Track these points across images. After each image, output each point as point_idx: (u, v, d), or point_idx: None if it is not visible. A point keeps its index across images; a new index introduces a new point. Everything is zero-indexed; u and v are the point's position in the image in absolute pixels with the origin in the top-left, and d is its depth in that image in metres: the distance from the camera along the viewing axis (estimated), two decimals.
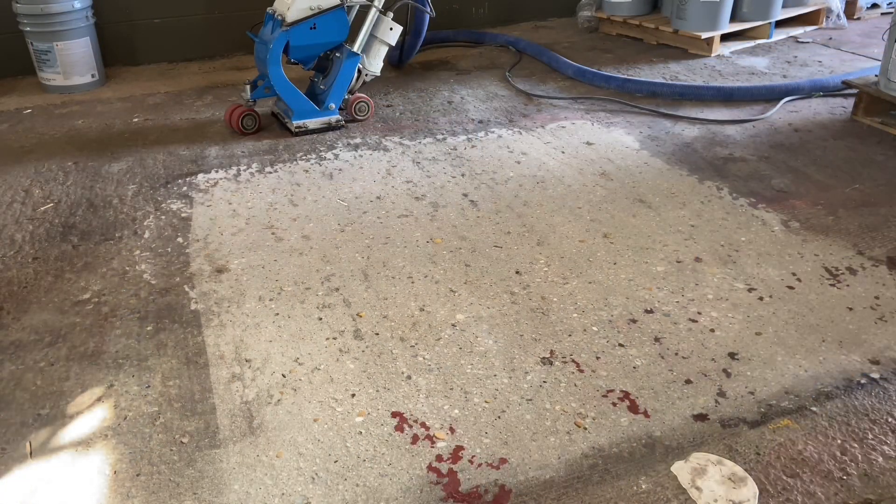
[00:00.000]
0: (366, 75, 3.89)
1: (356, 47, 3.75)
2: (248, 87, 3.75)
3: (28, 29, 4.29)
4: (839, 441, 1.83)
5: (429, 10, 4.20)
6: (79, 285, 2.51)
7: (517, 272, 2.56)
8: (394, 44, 3.89)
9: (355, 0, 3.69)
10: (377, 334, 2.25)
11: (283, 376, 2.08)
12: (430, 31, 4.85)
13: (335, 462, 1.79)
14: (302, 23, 3.54)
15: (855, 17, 5.96)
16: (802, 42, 5.32)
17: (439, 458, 1.80)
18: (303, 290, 2.47)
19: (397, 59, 4.74)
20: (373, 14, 3.76)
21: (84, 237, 2.82)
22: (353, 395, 2.00)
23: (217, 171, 3.38)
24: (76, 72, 4.44)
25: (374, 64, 3.90)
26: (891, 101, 3.68)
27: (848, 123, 3.84)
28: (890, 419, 1.90)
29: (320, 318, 2.33)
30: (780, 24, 5.42)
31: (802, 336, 2.22)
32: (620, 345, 2.19)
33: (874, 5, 6.12)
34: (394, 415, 1.93)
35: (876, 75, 3.87)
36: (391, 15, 3.83)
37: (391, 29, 3.83)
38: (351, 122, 3.93)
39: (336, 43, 3.72)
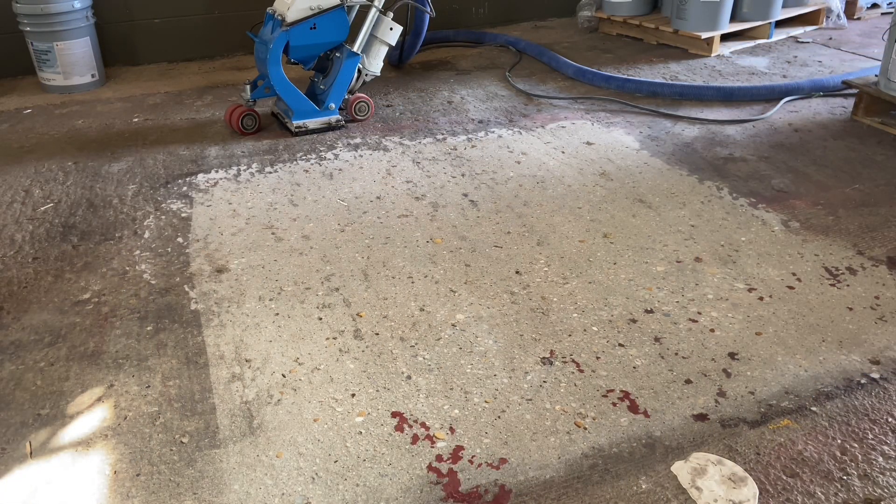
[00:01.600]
0: (366, 75, 3.89)
1: (356, 47, 3.75)
2: (248, 87, 3.76)
3: (28, 29, 4.29)
4: (839, 441, 1.83)
5: (429, 10, 4.20)
6: (79, 285, 2.51)
7: (517, 272, 2.56)
8: (394, 44, 3.89)
9: (355, 0, 3.70)
10: (377, 334, 2.25)
11: (283, 376, 2.08)
12: (430, 31, 4.86)
13: (335, 462, 1.79)
14: (302, 23, 3.54)
15: (855, 16, 5.96)
16: (802, 42, 5.32)
17: (439, 457, 1.80)
18: (303, 290, 2.47)
19: (397, 59, 4.75)
20: (373, 14, 3.76)
21: (84, 237, 2.83)
22: (353, 395, 2.00)
23: (217, 171, 3.38)
24: (76, 72, 4.44)
25: (374, 64, 3.90)
26: (891, 101, 3.68)
27: (848, 123, 3.84)
28: (890, 419, 1.90)
29: (320, 318, 2.33)
30: (780, 23, 5.42)
31: (802, 336, 2.22)
32: (620, 345, 2.19)
33: (874, 5, 6.12)
34: (394, 415, 1.93)
35: (876, 75, 3.87)
36: (391, 15, 3.83)
37: (391, 29, 3.83)
38: (351, 122, 3.94)
39: (336, 43, 3.72)
